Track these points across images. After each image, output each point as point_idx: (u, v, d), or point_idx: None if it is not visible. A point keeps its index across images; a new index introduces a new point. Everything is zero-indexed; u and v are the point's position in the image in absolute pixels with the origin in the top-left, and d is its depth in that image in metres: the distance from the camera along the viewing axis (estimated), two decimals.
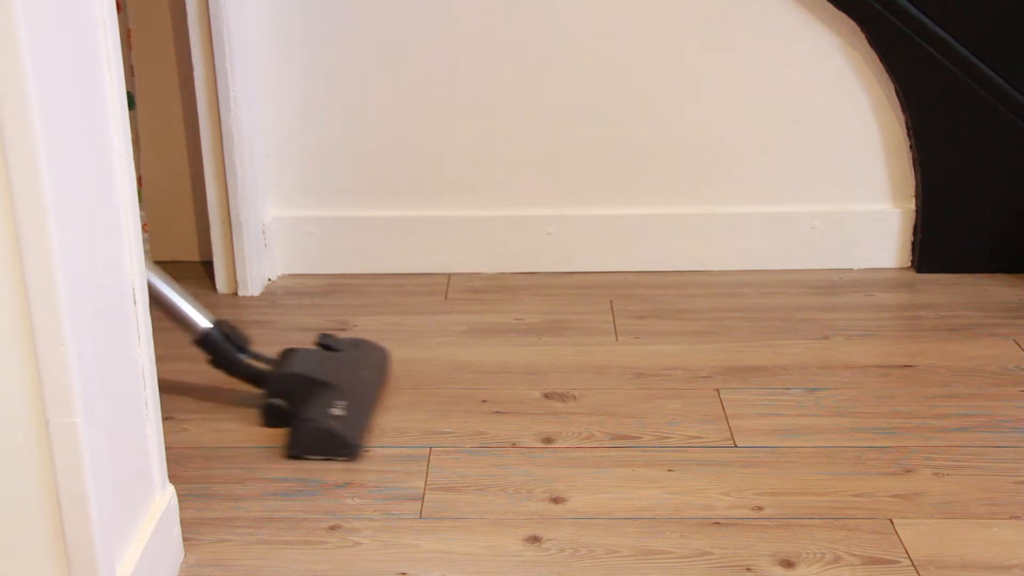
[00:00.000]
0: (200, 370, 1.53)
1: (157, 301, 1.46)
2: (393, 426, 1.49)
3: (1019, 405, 1.53)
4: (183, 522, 1.23)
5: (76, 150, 0.96)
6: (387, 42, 1.92)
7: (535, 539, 1.24)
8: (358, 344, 1.60)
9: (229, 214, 1.90)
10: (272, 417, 1.48)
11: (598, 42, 1.92)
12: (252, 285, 1.94)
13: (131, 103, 1.88)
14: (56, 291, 0.91)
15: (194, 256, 2.05)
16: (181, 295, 1.48)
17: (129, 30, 1.85)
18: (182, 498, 1.24)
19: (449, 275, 2.01)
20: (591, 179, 1.99)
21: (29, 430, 0.96)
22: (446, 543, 1.24)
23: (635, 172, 1.99)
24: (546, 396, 1.57)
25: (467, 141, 1.97)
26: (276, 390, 1.48)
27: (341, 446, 1.41)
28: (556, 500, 1.32)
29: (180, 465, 1.38)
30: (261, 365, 1.51)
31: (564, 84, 1.95)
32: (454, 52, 1.93)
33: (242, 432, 1.48)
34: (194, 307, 1.49)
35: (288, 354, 1.53)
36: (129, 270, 1.08)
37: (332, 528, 1.27)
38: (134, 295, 1.09)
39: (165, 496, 1.18)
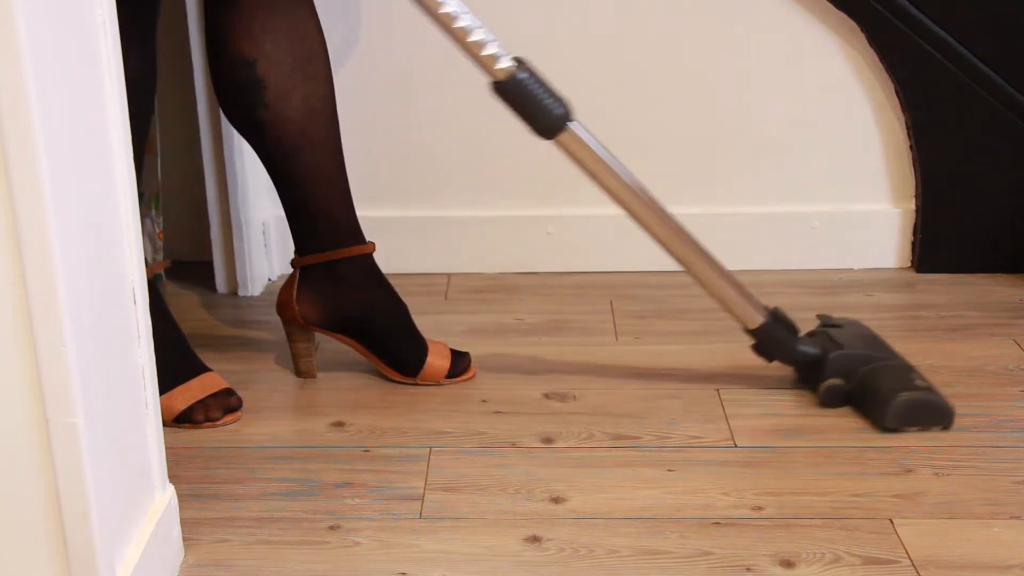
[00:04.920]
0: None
1: (709, 290, 1.50)
2: (393, 426, 1.49)
3: (1019, 405, 1.53)
4: (183, 522, 1.23)
5: (76, 150, 0.96)
6: (386, 41, 1.92)
7: (535, 539, 1.24)
8: (851, 321, 1.62)
9: (229, 214, 1.90)
10: (836, 398, 1.50)
11: (598, 42, 1.92)
12: (253, 285, 1.94)
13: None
14: (56, 291, 0.91)
15: (194, 256, 2.05)
16: (735, 284, 1.49)
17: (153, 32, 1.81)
18: (182, 498, 1.24)
19: (449, 275, 2.01)
20: None
21: (29, 430, 0.96)
22: (446, 543, 1.24)
23: (635, 172, 1.99)
24: (546, 396, 1.57)
25: (467, 141, 1.97)
26: (836, 371, 1.50)
27: (941, 415, 1.45)
28: (556, 500, 1.32)
29: (180, 465, 1.38)
30: (811, 350, 1.53)
31: (564, 84, 1.94)
32: (453, 51, 1.93)
33: (242, 432, 1.48)
34: (748, 296, 1.51)
35: (820, 334, 1.56)
36: (129, 270, 1.08)
37: (332, 528, 1.27)
38: (134, 295, 1.09)
39: (165, 496, 1.18)
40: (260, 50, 1.47)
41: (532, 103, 1.38)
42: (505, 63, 1.38)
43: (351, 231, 1.56)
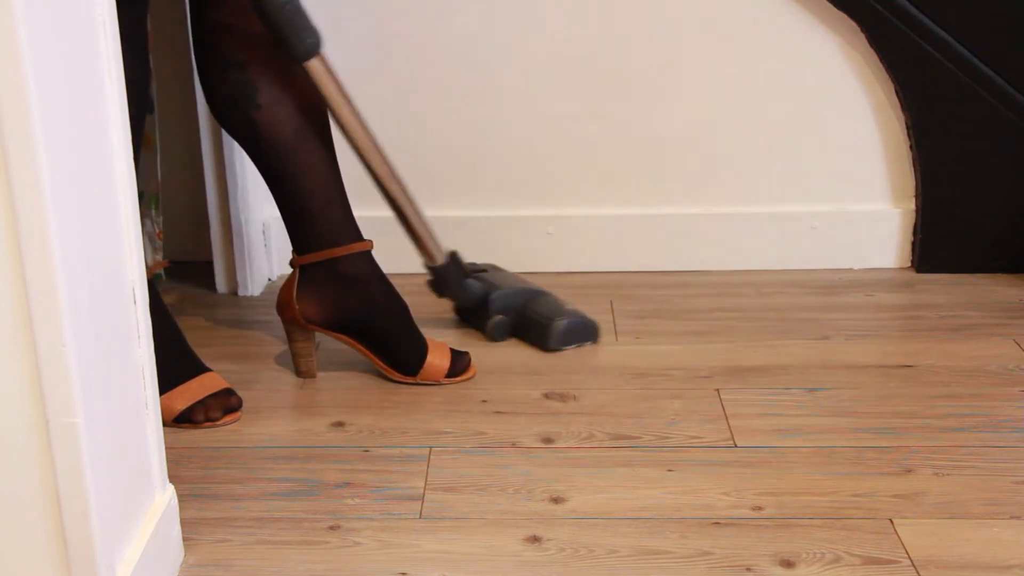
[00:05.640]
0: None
1: (405, 224, 1.64)
2: (393, 426, 1.49)
3: (1019, 405, 1.53)
4: (183, 522, 1.23)
5: (76, 150, 0.96)
6: (386, 41, 1.92)
7: (535, 539, 1.24)
8: (492, 266, 1.85)
9: (229, 214, 1.90)
10: (503, 332, 1.73)
11: (598, 42, 1.92)
12: (253, 285, 1.94)
13: (150, 107, 1.84)
14: (56, 291, 0.91)
15: (194, 256, 2.05)
16: (428, 225, 1.65)
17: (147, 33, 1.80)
18: (182, 498, 1.25)
19: None
20: (591, 179, 1.99)
21: (29, 430, 0.96)
22: (446, 543, 1.24)
23: (635, 172, 1.99)
24: (546, 396, 1.57)
25: (467, 141, 1.97)
26: (499, 308, 1.73)
27: (592, 331, 1.72)
28: (556, 500, 1.32)
29: (180, 465, 1.38)
30: (479, 290, 1.74)
31: (564, 84, 1.95)
32: (453, 51, 1.93)
33: (242, 432, 1.48)
34: (434, 237, 1.66)
35: (479, 280, 1.75)
36: (129, 270, 1.08)
37: (332, 528, 1.27)
38: (134, 295, 1.09)
39: (165, 496, 1.18)
40: (251, 52, 1.47)
41: (290, 27, 1.46)
42: None
43: (348, 228, 1.56)
